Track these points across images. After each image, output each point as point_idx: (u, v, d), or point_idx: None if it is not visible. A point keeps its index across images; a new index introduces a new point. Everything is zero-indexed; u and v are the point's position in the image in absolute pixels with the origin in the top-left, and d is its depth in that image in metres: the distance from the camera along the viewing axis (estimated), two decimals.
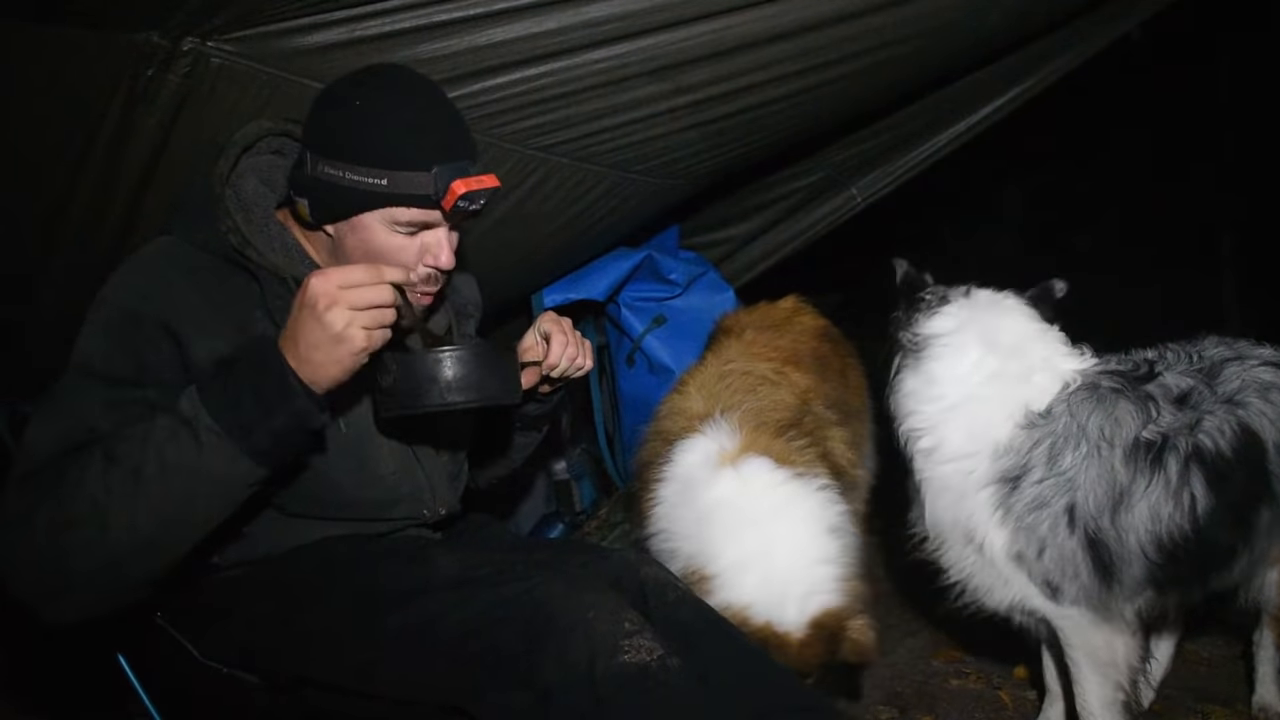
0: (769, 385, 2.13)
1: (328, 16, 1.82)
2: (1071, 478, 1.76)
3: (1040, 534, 1.78)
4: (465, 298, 1.87)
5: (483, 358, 1.43)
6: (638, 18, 2.03)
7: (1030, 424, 1.80)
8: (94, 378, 1.39)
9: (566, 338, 1.67)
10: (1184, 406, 1.83)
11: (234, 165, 1.56)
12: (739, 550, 1.82)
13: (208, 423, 1.27)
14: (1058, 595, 1.81)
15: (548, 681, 1.30)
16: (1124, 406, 1.81)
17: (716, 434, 1.98)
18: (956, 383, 1.87)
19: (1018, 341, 1.90)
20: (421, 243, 1.51)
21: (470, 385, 1.41)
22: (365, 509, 1.61)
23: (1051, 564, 1.78)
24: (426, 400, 1.40)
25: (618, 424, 3.49)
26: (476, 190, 1.45)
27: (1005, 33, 2.64)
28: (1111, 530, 1.76)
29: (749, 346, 2.37)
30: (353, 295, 1.27)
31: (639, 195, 2.69)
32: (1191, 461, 1.77)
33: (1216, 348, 1.97)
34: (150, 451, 1.27)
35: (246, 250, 1.50)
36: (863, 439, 2.50)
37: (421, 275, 1.53)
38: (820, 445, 2.03)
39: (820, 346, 2.49)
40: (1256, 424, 1.84)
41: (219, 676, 1.51)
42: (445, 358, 1.40)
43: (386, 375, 1.39)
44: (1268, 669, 2.18)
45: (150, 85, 1.78)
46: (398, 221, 1.47)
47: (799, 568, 1.81)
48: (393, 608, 1.44)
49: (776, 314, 2.58)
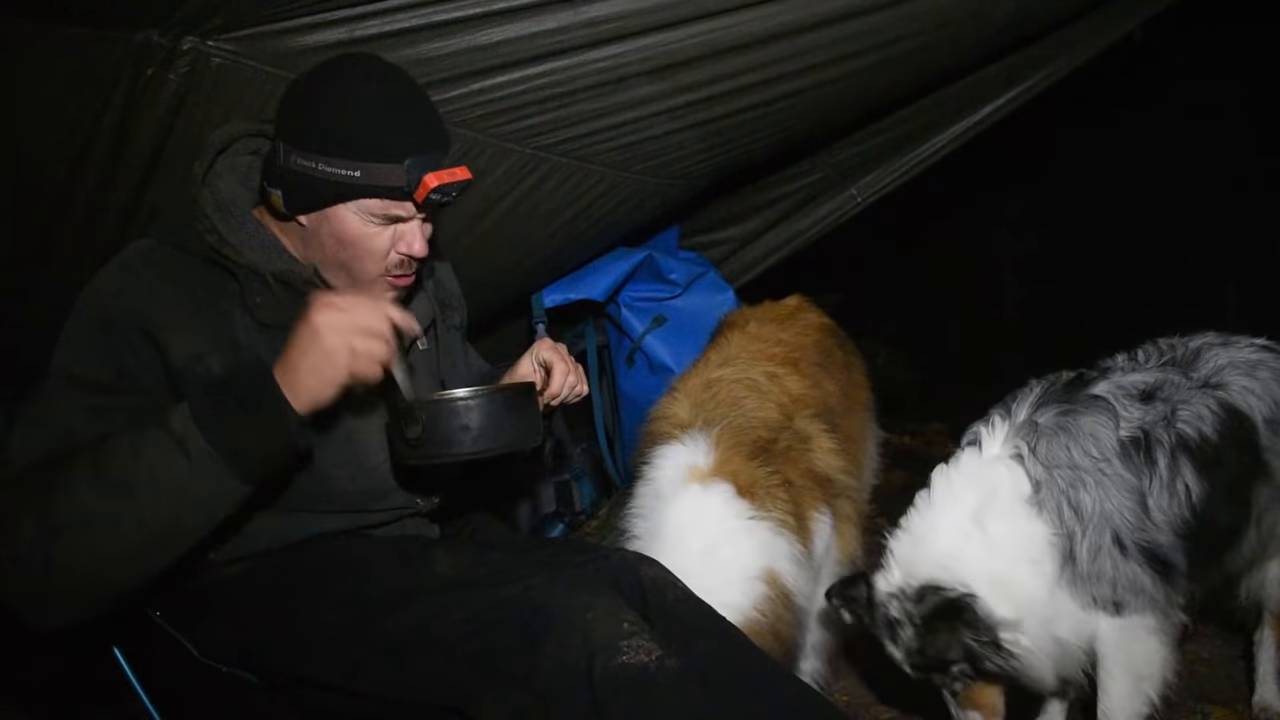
0: (755, 396, 2.13)
1: (327, 16, 1.82)
2: (1102, 511, 1.73)
3: (1107, 576, 1.74)
4: (449, 290, 1.87)
5: (510, 403, 1.45)
6: (637, 17, 2.04)
7: (1039, 504, 1.75)
8: (75, 384, 1.40)
9: (567, 366, 1.69)
10: (1152, 401, 1.82)
11: (210, 166, 1.56)
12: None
13: (200, 443, 1.29)
14: (1121, 609, 1.77)
15: (546, 682, 1.29)
16: (1086, 421, 1.79)
17: (693, 447, 2.01)
18: (979, 576, 1.74)
19: (961, 499, 1.81)
20: (394, 231, 1.52)
21: (500, 431, 1.44)
22: (358, 500, 1.61)
23: (1120, 590, 1.75)
24: (457, 449, 1.42)
25: (618, 424, 3.48)
26: (449, 183, 1.45)
27: (1006, 32, 2.64)
28: (1153, 529, 1.75)
29: (752, 341, 2.38)
30: (341, 319, 1.31)
31: (638, 195, 2.69)
32: (1177, 452, 1.77)
33: (1203, 339, 1.97)
34: (141, 466, 1.28)
35: (224, 249, 1.51)
36: (863, 437, 2.50)
37: (394, 262, 1.54)
38: (794, 466, 2.04)
39: (825, 340, 2.50)
40: (1241, 402, 1.84)
41: (218, 675, 1.51)
42: (475, 405, 1.43)
43: (414, 425, 1.40)
44: (1268, 669, 2.17)
45: (150, 85, 1.78)
46: (371, 212, 1.48)
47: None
48: (391, 608, 1.44)
49: (781, 311, 2.60)
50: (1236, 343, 1.95)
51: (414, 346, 1.72)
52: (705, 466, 1.97)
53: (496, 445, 1.44)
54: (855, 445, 2.37)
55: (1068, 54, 2.99)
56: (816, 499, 2.05)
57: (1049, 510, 1.74)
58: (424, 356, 1.75)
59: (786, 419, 2.11)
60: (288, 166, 1.46)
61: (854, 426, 2.41)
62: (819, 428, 2.15)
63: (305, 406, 1.33)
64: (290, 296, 1.53)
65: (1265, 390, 1.88)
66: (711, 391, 2.15)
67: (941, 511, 1.80)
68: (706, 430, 2.03)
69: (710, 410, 2.09)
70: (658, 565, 1.62)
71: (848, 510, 2.17)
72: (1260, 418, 1.85)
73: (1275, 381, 1.91)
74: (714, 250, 3.54)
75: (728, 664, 1.48)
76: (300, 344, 1.31)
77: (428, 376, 1.73)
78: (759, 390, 2.15)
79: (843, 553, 2.18)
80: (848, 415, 2.38)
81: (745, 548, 1.87)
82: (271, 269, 1.52)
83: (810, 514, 2.03)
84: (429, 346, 1.77)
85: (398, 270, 1.56)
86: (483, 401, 1.44)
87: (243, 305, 1.51)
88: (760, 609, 1.84)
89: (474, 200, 2.40)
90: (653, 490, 2.01)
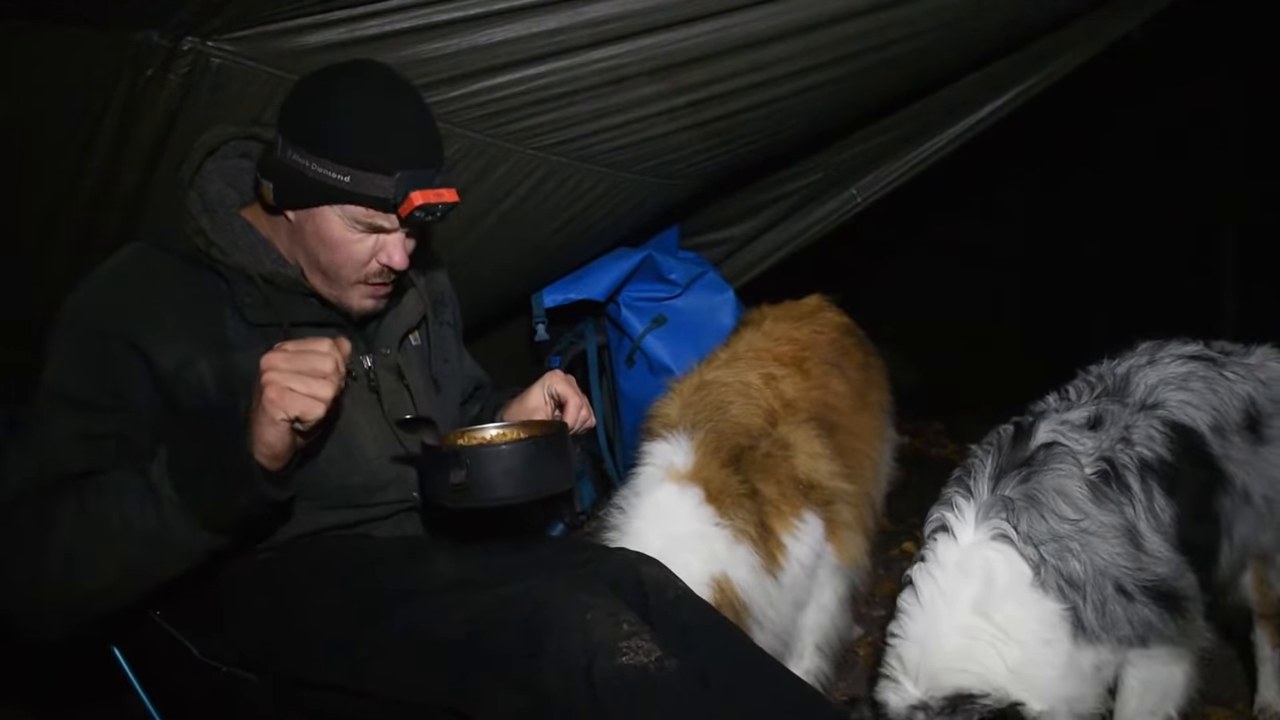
0: (743, 400, 2.15)
1: (327, 16, 1.82)
2: (1094, 569, 1.67)
3: (1122, 620, 1.69)
4: (440, 286, 1.87)
5: (550, 447, 1.48)
6: (637, 17, 2.04)
7: (1041, 581, 1.66)
8: (64, 403, 1.42)
9: (580, 400, 1.70)
10: (1101, 428, 1.78)
11: (198, 169, 1.57)
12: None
13: (171, 496, 1.32)
14: (1146, 642, 1.73)
15: (545, 683, 1.29)
16: (1048, 479, 1.71)
17: (677, 448, 2.04)
18: (1001, 673, 1.64)
19: (956, 594, 1.69)
20: (376, 241, 1.52)
21: (540, 475, 1.46)
22: (353, 494, 1.61)
23: (1138, 627, 1.70)
24: (502, 493, 1.44)
25: (618, 424, 3.48)
26: (435, 204, 1.46)
27: (1006, 32, 2.64)
28: (1151, 562, 1.70)
29: (763, 339, 2.39)
30: (282, 361, 1.31)
31: (638, 195, 2.69)
32: (1145, 474, 1.74)
33: (1130, 360, 1.95)
34: (119, 512, 1.33)
35: (211, 250, 1.51)
36: (875, 438, 2.49)
37: (373, 271, 1.55)
38: (770, 474, 2.05)
39: (842, 340, 2.51)
40: (1182, 416, 1.82)
41: (217, 675, 1.51)
42: (519, 451, 1.45)
43: (459, 470, 1.41)
44: (1267, 669, 2.17)
45: (150, 85, 1.78)
46: (355, 219, 1.49)
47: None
48: (391, 608, 1.44)
49: (800, 309, 2.61)
50: (1162, 359, 1.93)
51: (406, 342, 1.72)
52: (684, 468, 2.00)
53: (538, 490, 1.46)
54: (863, 446, 2.37)
55: (1068, 54, 2.99)
56: (795, 506, 2.05)
57: (1051, 588, 1.66)
58: (416, 352, 1.75)
59: (770, 425, 2.12)
60: (283, 160, 1.47)
61: (864, 427, 2.40)
62: (807, 433, 2.15)
63: (264, 455, 1.33)
64: (278, 296, 1.53)
65: (1202, 400, 1.86)
66: (702, 394, 2.16)
67: (940, 611, 1.67)
68: (691, 433, 2.05)
69: (697, 413, 2.11)
70: (658, 565, 1.62)
71: (845, 516, 2.16)
72: (1205, 427, 1.83)
73: (1209, 389, 1.89)
74: (714, 250, 3.54)
75: (728, 664, 1.48)
76: (254, 394, 1.32)
77: (420, 372, 1.73)
78: (748, 395, 2.16)
79: (844, 558, 2.18)
80: (858, 416, 2.38)
81: (700, 553, 1.88)
82: (259, 270, 1.52)
83: (786, 521, 2.04)
84: (421, 342, 1.77)
85: (376, 279, 1.56)
86: (525, 446, 1.47)
87: (232, 306, 1.51)
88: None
89: (474, 201, 2.40)
90: (634, 484, 2.04)
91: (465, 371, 1.93)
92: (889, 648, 1.71)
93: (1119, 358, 2.00)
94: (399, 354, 1.68)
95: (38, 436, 1.42)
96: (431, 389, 1.75)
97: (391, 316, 1.69)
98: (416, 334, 1.76)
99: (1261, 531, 1.93)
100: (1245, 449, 1.88)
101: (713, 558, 1.90)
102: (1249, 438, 1.90)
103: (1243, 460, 1.87)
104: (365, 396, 1.62)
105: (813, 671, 2.17)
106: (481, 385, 2.01)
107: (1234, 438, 1.87)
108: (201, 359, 1.46)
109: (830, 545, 2.15)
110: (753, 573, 1.94)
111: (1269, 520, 1.93)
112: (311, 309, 1.58)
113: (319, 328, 1.57)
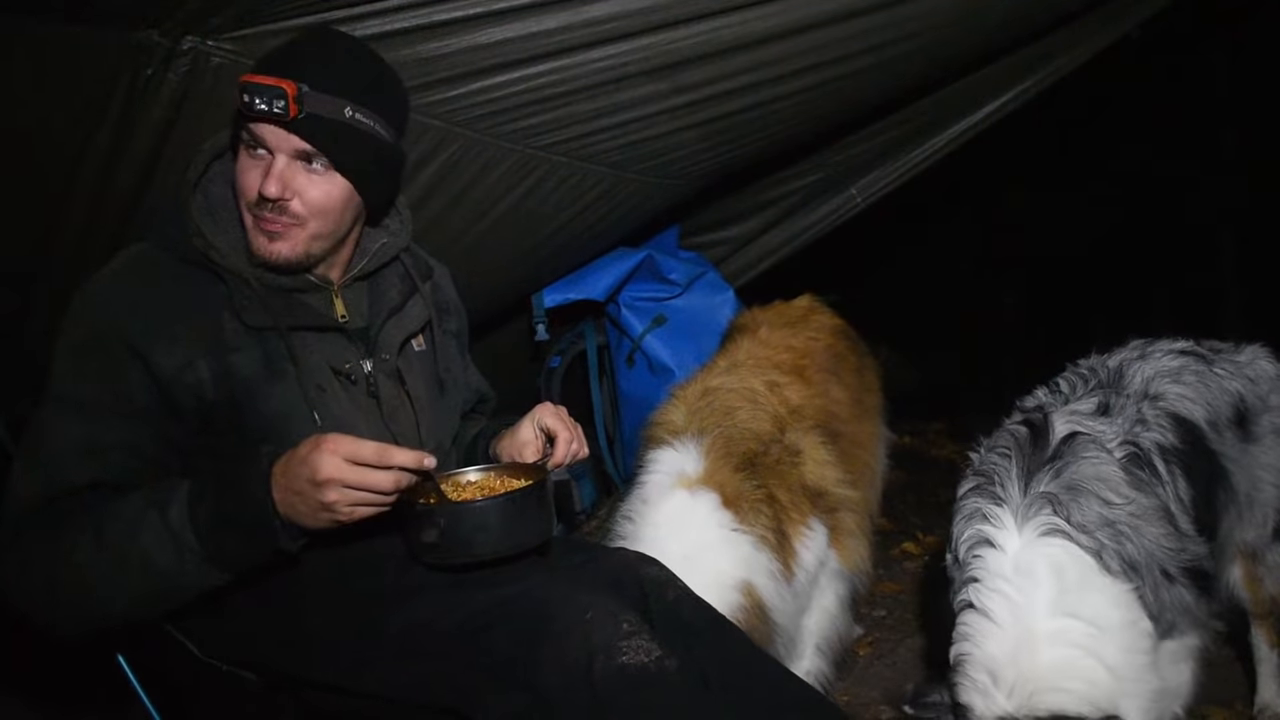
0: (750, 406, 2.14)
1: (327, 16, 1.82)
2: (1145, 549, 1.62)
3: (1166, 605, 1.64)
4: (446, 295, 1.87)
5: (526, 502, 1.45)
6: (636, 17, 2.04)
7: (1107, 567, 1.58)
8: (69, 410, 1.43)
9: (570, 433, 1.67)
10: (1111, 416, 1.76)
11: (203, 171, 1.57)
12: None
13: (190, 542, 1.34)
14: (1172, 632, 1.68)
15: (546, 683, 1.30)
16: (1085, 468, 1.65)
17: (685, 454, 2.02)
18: (1104, 683, 1.53)
19: (1028, 600, 1.58)
20: (264, 167, 1.48)
21: (516, 531, 1.44)
22: None
23: (1172, 614, 1.66)
24: (477, 550, 1.42)
25: (618, 424, 3.48)
26: (259, 84, 1.40)
27: (1005, 32, 2.64)
28: (1190, 542, 1.68)
29: (761, 347, 2.38)
30: (351, 474, 1.29)
31: (638, 195, 2.69)
32: (1168, 455, 1.73)
33: (1120, 354, 1.94)
34: (137, 547, 1.34)
35: (210, 252, 1.51)
36: (873, 442, 2.49)
37: (252, 200, 1.50)
38: (782, 479, 2.04)
39: (836, 345, 2.50)
40: (1182, 409, 1.81)
41: (218, 675, 1.51)
42: (492, 508, 1.43)
43: (432, 529, 1.40)
44: (1266, 669, 2.17)
45: (150, 84, 1.78)
46: (247, 138, 1.48)
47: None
48: (391, 608, 1.44)
49: (792, 312, 2.59)
50: (1153, 352, 1.92)
51: (408, 348, 1.72)
52: (694, 474, 1.98)
53: (514, 546, 1.44)
54: (862, 452, 2.37)
55: (1067, 54, 2.99)
56: (805, 513, 2.05)
57: (1117, 573, 1.59)
58: (420, 358, 1.74)
59: (779, 431, 2.12)
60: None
61: (863, 433, 2.40)
62: (814, 440, 2.15)
63: (293, 524, 1.34)
64: (275, 299, 1.53)
65: (1197, 394, 1.85)
66: (708, 400, 2.15)
67: (1022, 623, 1.54)
68: (699, 439, 2.04)
69: (704, 419, 2.09)
70: (658, 564, 1.62)
71: (849, 523, 2.16)
72: (1202, 421, 1.82)
73: (1202, 384, 1.88)
74: (714, 250, 3.54)
75: (728, 664, 1.48)
76: (300, 481, 1.30)
77: (421, 379, 1.72)
78: (755, 401, 2.16)
79: (845, 564, 2.19)
80: (856, 422, 2.38)
81: (725, 558, 1.87)
82: (256, 272, 1.52)
83: (798, 529, 2.03)
84: (425, 349, 1.76)
85: (256, 209, 1.50)
86: (501, 504, 1.44)
87: (230, 308, 1.51)
88: (735, 620, 1.82)
89: (474, 201, 2.40)
90: (642, 494, 2.02)
91: (468, 382, 1.92)
92: (964, 665, 1.56)
93: (1108, 352, 1.99)
94: (400, 360, 1.68)
95: (45, 446, 1.42)
96: (434, 395, 1.74)
97: (394, 321, 1.68)
98: (420, 340, 1.75)
99: (1242, 529, 1.93)
100: (1236, 445, 1.88)
101: (740, 562, 1.88)
102: (1239, 434, 1.90)
103: (1233, 456, 1.87)
104: (365, 402, 1.61)
105: (813, 672, 2.17)
106: (485, 398, 1.99)
107: (1226, 433, 1.87)
108: (200, 361, 1.46)
109: (834, 551, 2.15)
110: (772, 579, 1.92)
111: (1249, 517, 1.93)
112: (309, 313, 1.58)
113: (317, 332, 1.57)
